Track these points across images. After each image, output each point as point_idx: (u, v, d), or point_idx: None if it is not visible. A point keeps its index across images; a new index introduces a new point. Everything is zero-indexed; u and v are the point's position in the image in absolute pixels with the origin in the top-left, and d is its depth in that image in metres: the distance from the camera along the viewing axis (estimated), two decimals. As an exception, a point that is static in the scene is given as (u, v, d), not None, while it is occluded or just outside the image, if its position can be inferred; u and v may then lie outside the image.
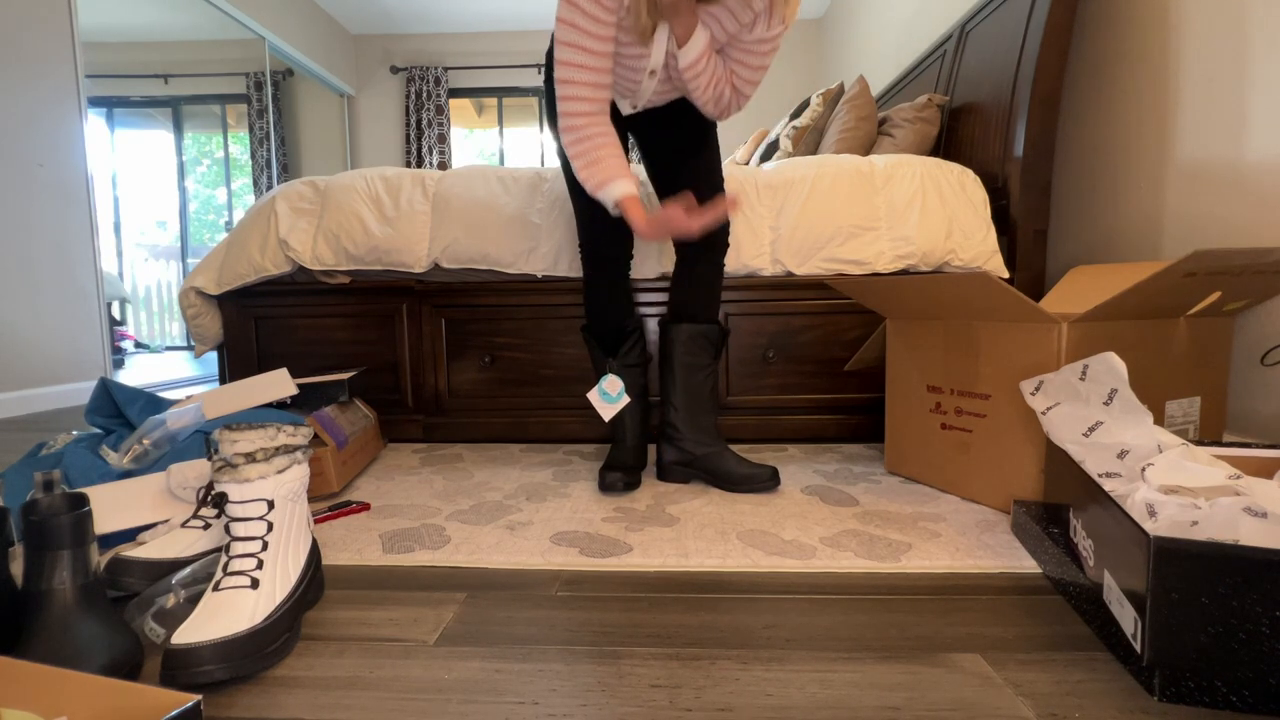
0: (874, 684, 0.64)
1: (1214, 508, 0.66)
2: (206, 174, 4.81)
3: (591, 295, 1.39)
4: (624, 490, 1.28)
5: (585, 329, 1.42)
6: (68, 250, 2.79)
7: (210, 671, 0.62)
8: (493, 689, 0.64)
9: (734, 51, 1.20)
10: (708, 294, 1.36)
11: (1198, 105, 1.46)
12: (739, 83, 1.23)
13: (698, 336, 1.33)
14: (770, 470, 1.27)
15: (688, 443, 1.34)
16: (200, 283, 1.77)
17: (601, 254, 1.35)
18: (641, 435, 1.40)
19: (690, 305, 1.35)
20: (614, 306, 1.39)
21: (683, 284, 1.37)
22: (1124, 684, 0.63)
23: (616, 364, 1.37)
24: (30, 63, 2.65)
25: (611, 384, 1.35)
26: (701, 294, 1.35)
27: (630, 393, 1.38)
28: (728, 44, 1.20)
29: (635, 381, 1.39)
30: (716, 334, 1.35)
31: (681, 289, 1.37)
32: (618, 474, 1.27)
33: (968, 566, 0.91)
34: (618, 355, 1.38)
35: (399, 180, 1.78)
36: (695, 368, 1.34)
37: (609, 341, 1.40)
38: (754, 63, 1.20)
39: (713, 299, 1.37)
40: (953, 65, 2.20)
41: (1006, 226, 1.72)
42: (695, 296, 1.35)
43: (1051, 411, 0.94)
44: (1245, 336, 1.36)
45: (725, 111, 1.27)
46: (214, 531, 0.91)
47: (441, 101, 5.44)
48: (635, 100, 1.29)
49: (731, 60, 1.21)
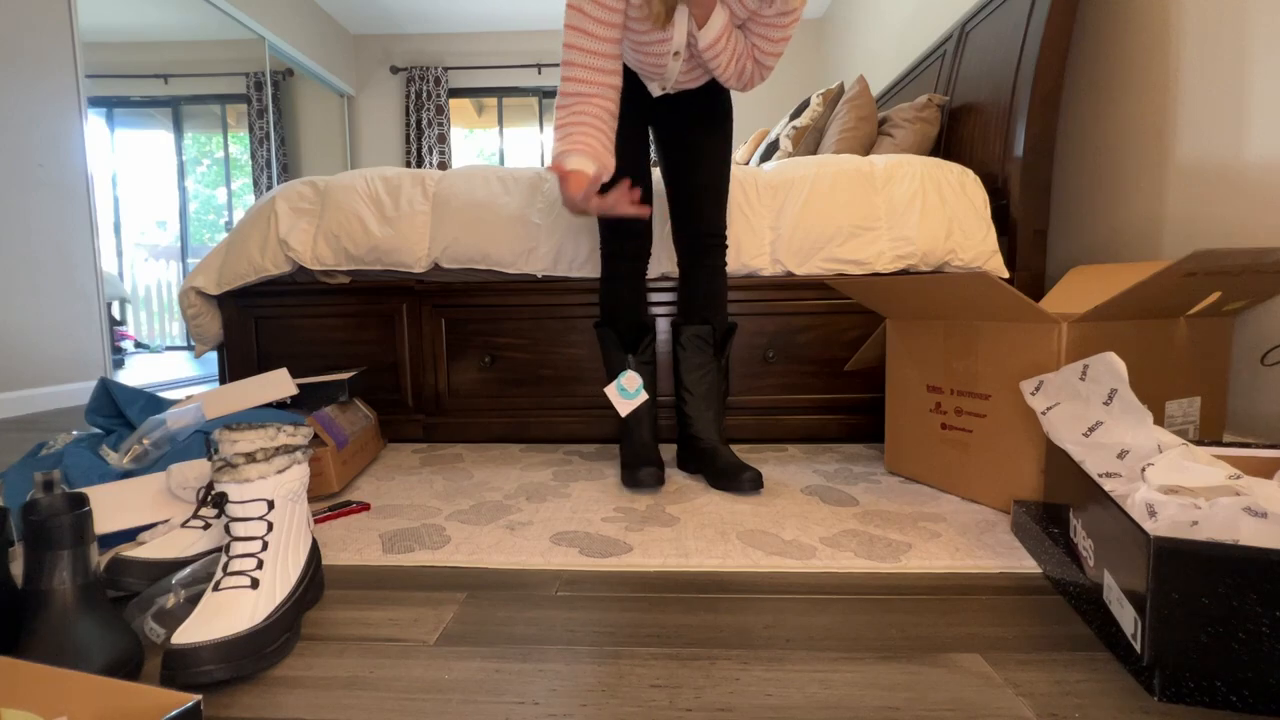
0: (874, 684, 0.64)
1: (1214, 508, 0.66)
2: (206, 174, 4.81)
3: (611, 291, 1.42)
4: (656, 486, 1.29)
5: (600, 325, 1.43)
6: (68, 250, 2.79)
7: (210, 671, 0.62)
8: (493, 689, 0.64)
9: (755, 26, 1.21)
10: (705, 297, 1.42)
11: (1198, 105, 1.46)
12: (760, 55, 1.24)
13: (694, 337, 1.39)
14: (754, 473, 1.25)
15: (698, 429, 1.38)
16: (200, 283, 1.77)
17: (622, 249, 1.39)
18: (654, 432, 1.41)
19: (689, 307, 1.43)
20: (633, 303, 1.42)
21: (683, 288, 1.46)
22: (1124, 684, 0.63)
23: (635, 360, 1.39)
24: (30, 63, 2.65)
25: (630, 380, 1.36)
26: (699, 296, 1.42)
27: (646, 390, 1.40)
28: (748, 20, 1.21)
29: (649, 379, 1.42)
30: (709, 334, 1.39)
31: (682, 292, 1.46)
32: (651, 469, 1.27)
33: (968, 566, 0.91)
34: (637, 352, 1.40)
35: (399, 180, 1.78)
36: (695, 366, 1.40)
37: (629, 338, 1.41)
38: (775, 35, 1.21)
39: (709, 301, 1.42)
40: (953, 65, 2.20)
41: (1006, 226, 1.72)
42: (693, 299, 1.43)
43: (1051, 411, 0.94)
44: (1245, 336, 1.36)
45: (749, 84, 1.30)
46: (214, 531, 0.91)
47: (441, 101, 5.44)
48: (664, 82, 1.32)
49: (753, 35, 1.22)
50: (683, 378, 1.40)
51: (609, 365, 1.42)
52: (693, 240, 1.41)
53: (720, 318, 1.42)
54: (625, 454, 1.36)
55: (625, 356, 1.39)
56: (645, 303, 1.44)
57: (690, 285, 1.43)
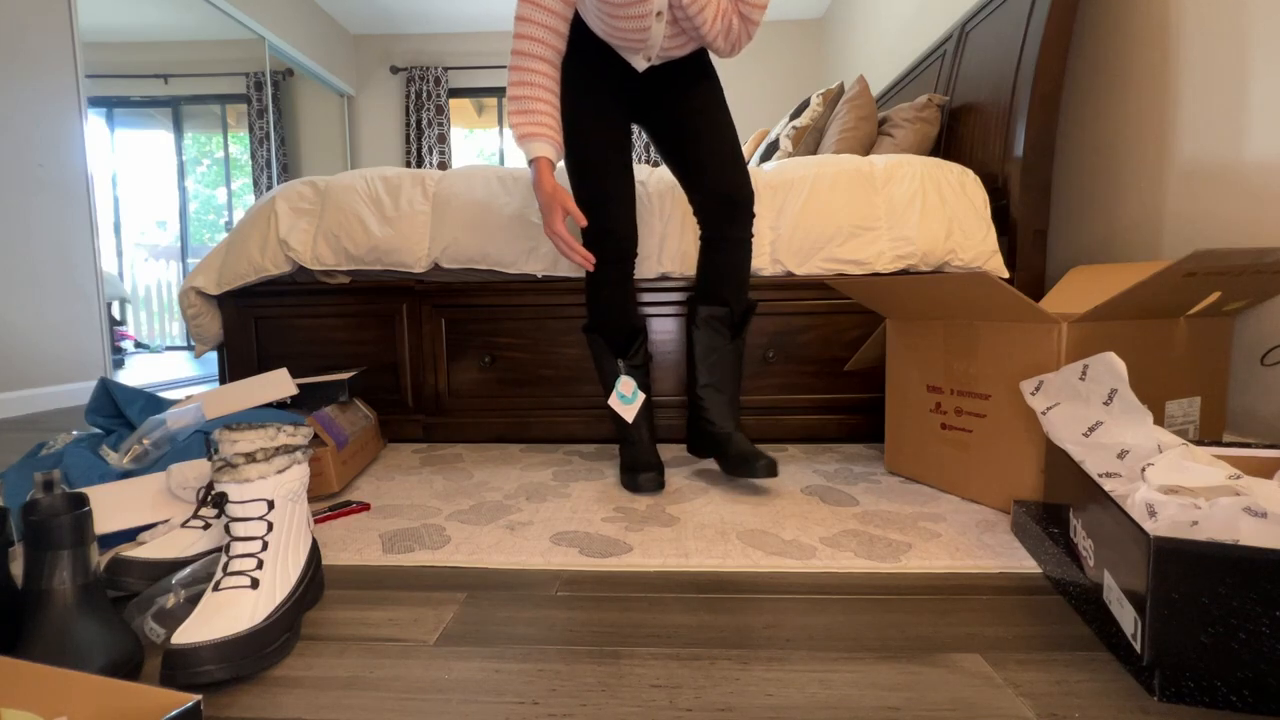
0: (874, 684, 0.64)
1: (1214, 508, 0.66)
2: (206, 174, 4.81)
3: (595, 295, 1.36)
4: (656, 490, 1.28)
5: (588, 330, 1.39)
6: (68, 250, 2.79)
7: (210, 671, 0.62)
8: (493, 689, 0.64)
9: None
10: (725, 273, 1.35)
11: (1198, 105, 1.46)
12: (745, 9, 1.20)
13: (709, 319, 1.35)
14: (769, 460, 1.22)
15: (712, 414, 1.35)
16: (200, 283, 1.77)
17: (603, 252, 1.33)
18: (653, 433, 1.39)
19: (707, 285, 1.37)
20: (623, 306, 1.36)
21: (703, 262, 1.38)
22: (1124, 684, 0.63)
23: (625, 365, 1.37)
24: (30, 63, 2.65)
25: (625, 384, 1.35)
26: (718, 273, 1.35)
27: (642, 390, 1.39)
28: None
29: (642, 381, 1.39)
30: (727, 315, 1.35)
31: (702, 270, 1.38)
32: (651, 474, 1.27)
33: (967, 566, 0.91)
34: (626, 356, 1.37)
35: (399, 180, 1.78)
36: (710, 349, 1.36)
37: (618, 342, 1.38)
38: None
39: (730, 278, 1.35)
40: (953, 65, 2.20)
41: (1006, 226, 1.72)
42: (712, 276, 1.36)
43: (1051, 411, 0.94)
44: (1245, 336, 1.36)
45: (737, 43, 1.25)
46: (214, 531, 0.91)
47: (441, 101, 5.44)
48: (649, 51, 1.27)
49: None
50: (696, 361, 1.36)
51: (601, 371, 1.39)
52: (721, 207, 1.31)
53: (740, 297, 1.36)
54: (625, 457, 1.35)
55: (616, 362, 1.36)
56: (634, 304, 1.38)
57: (711, 259, 1.35)
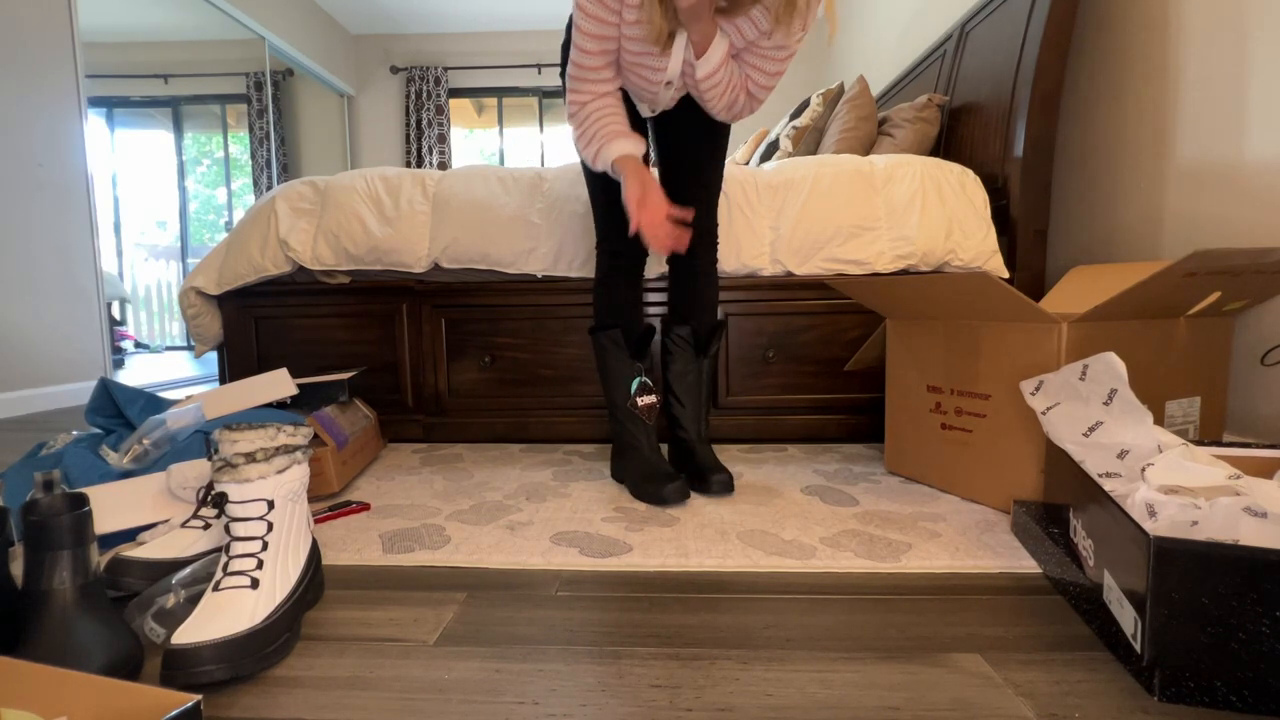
0: (874, 684, 0.64)
1: (1214, 508, 0.66)
2: (206, 174, 4.81)
3: (610, 293, 1.38)
4: (685, 499, 1.23)
5: (595, 331, 1.37)
6: (68, 250, 2.79)
7: (210, 671, 0.62)
8: (493, 689, 0.64)
9: (750, 57, 1.17)
10: (691, 296, 1.41)
11: (1198, 105, 1.46)
12: (754, 88, 1.20)
13: (677, 338, 1.38)
14: (725, 475, 1.25)
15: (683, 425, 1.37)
16: (200, 283, 1.77)
17: (628, 248, 1.35)
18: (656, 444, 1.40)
19: (676, 306, 1.43)
20: (637, 304, 1.40)
21: (672, 286, 1.44)
22: (1124, 684, 0.63)
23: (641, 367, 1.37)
24: (30, 62, 2.65)
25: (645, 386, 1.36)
26: (685, 296, 1.41)
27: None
28: (744, 49, 1.17)
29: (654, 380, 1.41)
30: (690, 335, 1.38)
31: (671, 289, 1.45)
32: (676, 483, 1.21)
33: (968, 566, 0.91)
34: (643, 358, 1.38)
35: (399, 180, 1.78)
36: (681, 369, 1.38)
37: (636, 343, 1.38)
38: (771, 69, 1.17)
39: (695, 300, 1.40)
40: (953, 65, 2.20)
41: (1006, 226, 1.72)
42: (680, 298, 1.42)
43: (1051, 411, 0.94)
44: (1245, 336, 1.36)
45: (738, 115, 1.26)
46: (214, 531, 0.91)
47: (441, 101, 5.44)
48: (654, 105, 1.30)
49: (747, 66, 1.19)
50: (668, 378, 1.39)
51: (610, 374, 1.35)
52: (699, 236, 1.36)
53: (705, 318, 1.40)
54: (634, 465, 1.29)
55: (635, 365, 1.35)
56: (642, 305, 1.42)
57: (678, 284, 1.42)
